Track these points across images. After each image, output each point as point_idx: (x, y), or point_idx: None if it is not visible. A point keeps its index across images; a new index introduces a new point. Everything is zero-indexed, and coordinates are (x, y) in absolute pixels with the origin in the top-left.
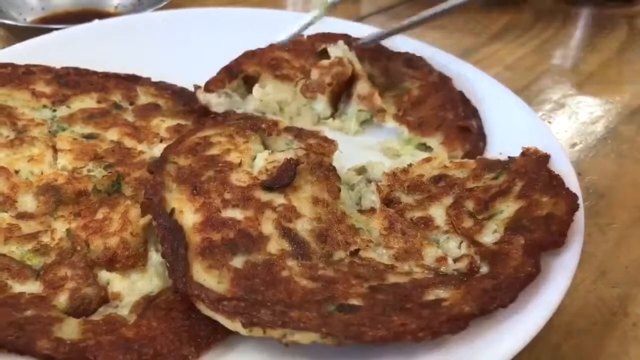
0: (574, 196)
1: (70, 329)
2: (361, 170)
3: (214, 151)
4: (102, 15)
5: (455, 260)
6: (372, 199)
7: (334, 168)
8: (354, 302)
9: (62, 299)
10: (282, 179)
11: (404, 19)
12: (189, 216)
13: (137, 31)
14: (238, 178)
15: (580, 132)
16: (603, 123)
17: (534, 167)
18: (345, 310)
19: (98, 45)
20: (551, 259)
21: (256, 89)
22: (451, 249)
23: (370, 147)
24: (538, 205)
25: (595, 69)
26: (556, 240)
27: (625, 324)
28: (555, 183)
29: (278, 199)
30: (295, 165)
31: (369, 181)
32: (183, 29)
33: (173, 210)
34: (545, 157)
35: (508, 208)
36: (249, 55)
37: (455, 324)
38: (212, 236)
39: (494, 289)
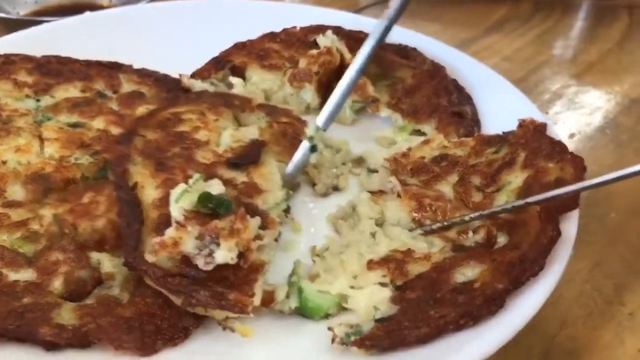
0: (579, 159)
1: (68, 315)
2: (359, 160)
3: (184, 128)
4: (95, 8)
5: (474, 231)
6: (389, 180)
7: (299, 138)
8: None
9: (57, 284)
10: (248, 157)
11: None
12: (150, 192)
13: (129, 23)
14: (203, 155)
15: (579, 123)
16: (602, 113)
17: (533, 136)
18: (382, 320)
19: (89, 37)
20: None
21: (235, 80)
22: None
23: (363, 138)
24: (545, 172)
25: (594, 59)
26: (570, 204)
27: (621, 314)
28: (558, 149)
29: (240, 177)
30: (261, 146)
31: (370, 170)
32: (177, 21)
33: (136, 184)
34: (543, 126)
35: (516, 179)
36: (239, 47)
37: (493, 303)
38: (168, 212)
39: (521, 261)
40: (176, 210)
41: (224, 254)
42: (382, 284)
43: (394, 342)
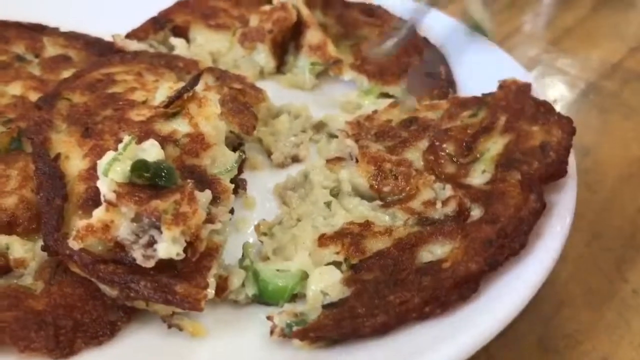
0: (567, 120)
1: None
2: (319, 126)
3: (117, 89)
4: None
5: (443, 203)
6: (346, 143)
7: (251, 106)
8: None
9: None
10: (185, 88)
11: None
12: (75, 163)
13: None
14: (138, 113)
15: (560, 89)
16: (583, 78)
17: (516, 97)
18: (331, 307)
19: None
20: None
21: (177, 41)
22: (438, 192)
23: (326, 103)
24: (529, 136)
25: (570, 25)
26: (557, 169)
27: (624, 292)
28: (543, 110)
29: (181, 127)
30: (199, 75)
31: (331, 136)
32: None
33: (59, 155)
34: (527, 86)
35: (495, 145)
36: (181, 4)
37: (465, 287)
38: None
39: (499, 236)
40: (105, 185)
41: (167, 248)
42: (335, 263)
43: (344, 333)
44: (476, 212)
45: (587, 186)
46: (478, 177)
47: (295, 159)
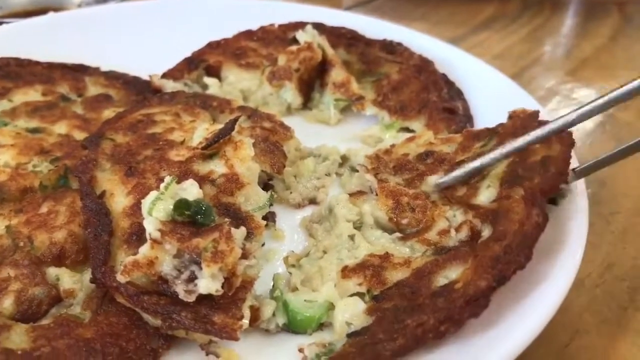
0: (567, 134)
1: (19, 338)
2: (343, 159)
3: (156, 129)
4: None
5: (456, 229)
6: (366, 178)
7: (281, 145)
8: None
9: (7, 303)
10: (222, 132)
11: (384, 12)
12: (119, 199)
13: (96, 24)
14: (177, 153)
15: None
16: None
17: (523, 123)
18: (355, 335)
19: (53, 39)
20: (554, 247)
21: (210, 80)
22: (451, 219)
23: (349, 137)
24: (531, 153)
25: (588, 55)
26: (557, 181)
27: (637, 321)
28: None
29: (218, 168)
30: (235, 121)
31: (354, 169)
32: (146, 21)
33: (104, 192)
34: (535, 113)
35: (500, 164)
36: (213, 46)
37: (476, 304)
38: (141, 220)
39: (505, 252)
40: (151, 224)
41: (207, 284)
42: (359, 294)
43: (367, 359)
44: (486, 233)
45: (602, 217)
46: (483, 193)
47: (313, 202)
